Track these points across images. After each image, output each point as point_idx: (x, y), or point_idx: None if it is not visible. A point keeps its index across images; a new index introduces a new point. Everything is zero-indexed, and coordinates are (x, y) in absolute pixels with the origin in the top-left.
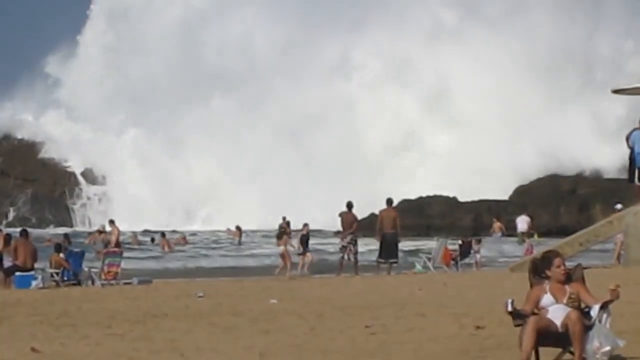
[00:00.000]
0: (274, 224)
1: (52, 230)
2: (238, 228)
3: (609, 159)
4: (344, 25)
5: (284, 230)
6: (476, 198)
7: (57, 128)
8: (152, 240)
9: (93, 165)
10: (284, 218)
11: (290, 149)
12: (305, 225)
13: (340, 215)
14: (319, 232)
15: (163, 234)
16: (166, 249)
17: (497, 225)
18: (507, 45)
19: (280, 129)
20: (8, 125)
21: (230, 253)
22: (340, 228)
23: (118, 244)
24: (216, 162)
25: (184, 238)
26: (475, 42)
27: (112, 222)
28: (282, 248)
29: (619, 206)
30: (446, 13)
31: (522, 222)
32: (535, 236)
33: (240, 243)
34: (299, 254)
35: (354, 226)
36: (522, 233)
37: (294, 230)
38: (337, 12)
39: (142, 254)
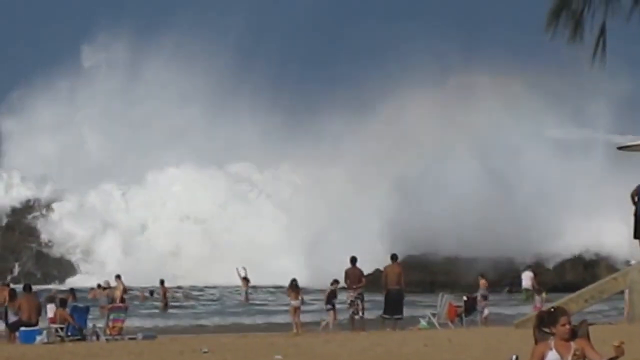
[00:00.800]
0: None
1: (56, 286)
2: (246, 279)
3: None
4: None
5: (295, 283)
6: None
7: None
8: (151, 293)
9: None
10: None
11: None
12: (336, 281)
13: (346, 271)
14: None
15: (162, 281)
16: (167, 296)
17: (482, 282)
18: None
19: None
20: None
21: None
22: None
23: (123, 300)
24: None
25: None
26: None
27: (118, 277)
28: (295, 302)
29: (633, 262)
30: None
31: (526, 278)
32: (544, 294)
33: (247, 296)
34: (328, 310)
35: (362, 281)
36: (526, 290)
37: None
38: None
39: (145, 309)
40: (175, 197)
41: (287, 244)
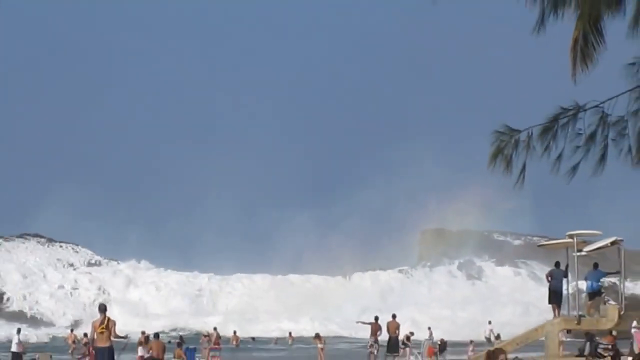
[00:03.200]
0: None
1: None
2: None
3: None
4: None
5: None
6: None
7: None
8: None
9: None
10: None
11: None
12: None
13: (370, 324)
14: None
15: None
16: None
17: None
18: None
19: None
20: None
21: None
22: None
23: (218, 342)
24: None
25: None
26: None
27: (215, 328)
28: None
29: (634, 323)
30: None
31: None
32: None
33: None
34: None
35: (378, 333)
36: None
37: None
38: None
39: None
40: None
41: None
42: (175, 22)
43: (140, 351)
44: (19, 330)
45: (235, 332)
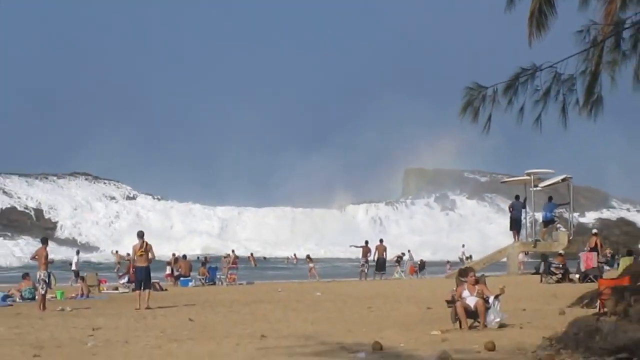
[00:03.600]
0: None
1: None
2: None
3: None
4: None
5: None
6: None
7: None
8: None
9: None
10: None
11: None
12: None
13: (361, 247)
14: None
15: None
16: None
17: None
18: None
19: None
20: None
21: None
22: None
23: (235, 262)
24: None
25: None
26: None
27: (233, 251)
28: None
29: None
30: None
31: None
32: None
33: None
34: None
35: (368, 254)
36: (460, 258)
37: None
38: None
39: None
40: None
41: None
42: None
43: (168, 270)
44: (78, 252)
45: (252, 254)
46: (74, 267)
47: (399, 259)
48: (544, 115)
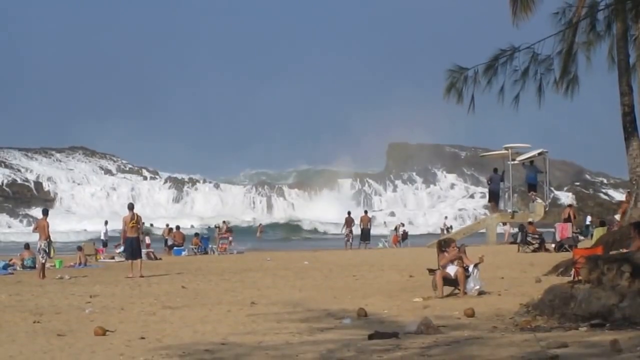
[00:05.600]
0: None
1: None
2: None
3: None
4: None
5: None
6: None
7: None
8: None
9: None
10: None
11: None
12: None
13: (345, 218)
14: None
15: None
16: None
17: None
18: None
19: None
20: None
21: None
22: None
23: (226, 233)
24: None
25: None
26: None
27: (224, 222)
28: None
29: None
30: None
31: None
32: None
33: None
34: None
35: (352, 224)
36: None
37: None
38: None
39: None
40: None
41: None
42: None
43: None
44: (106, 222)
45: (260, 224)
46: (102, 237)
47: (396, 228)
48: (522, 94)
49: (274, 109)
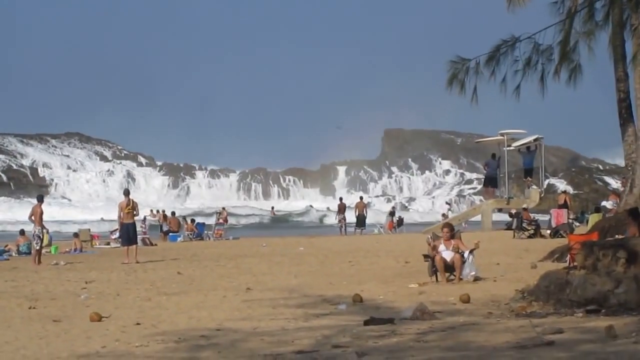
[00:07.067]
0: None
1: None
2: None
3: None
4: None
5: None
6: None
7: None
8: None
9: None
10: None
11: None
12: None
13: (338, 205)
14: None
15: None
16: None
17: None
18: None
19: None
20: None
21: None
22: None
23: (225, 219)
24: None
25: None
26: None
27: (223, 208)
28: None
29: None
30: None
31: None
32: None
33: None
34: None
35: (344, 210)
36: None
37: None
38: None
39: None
40: None
41: None
42: None
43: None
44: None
45: (273, 208)
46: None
47: (392, 214)
48: (524, 83)
49: (271, 96)
